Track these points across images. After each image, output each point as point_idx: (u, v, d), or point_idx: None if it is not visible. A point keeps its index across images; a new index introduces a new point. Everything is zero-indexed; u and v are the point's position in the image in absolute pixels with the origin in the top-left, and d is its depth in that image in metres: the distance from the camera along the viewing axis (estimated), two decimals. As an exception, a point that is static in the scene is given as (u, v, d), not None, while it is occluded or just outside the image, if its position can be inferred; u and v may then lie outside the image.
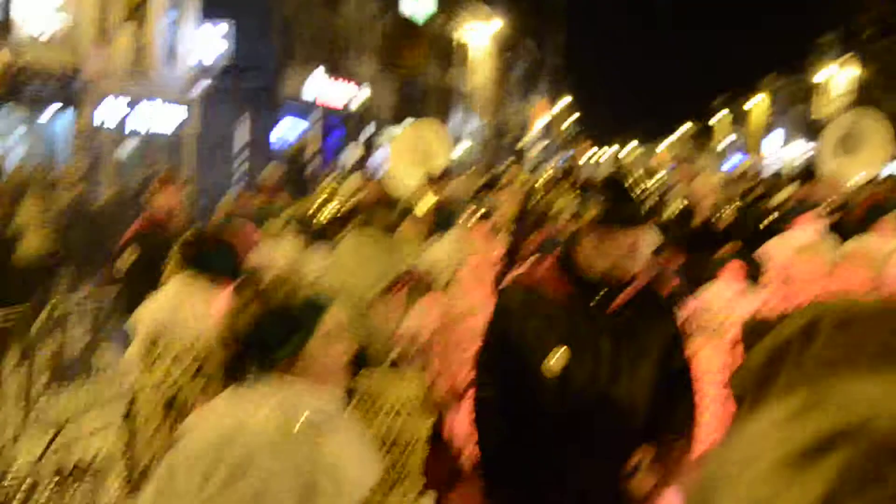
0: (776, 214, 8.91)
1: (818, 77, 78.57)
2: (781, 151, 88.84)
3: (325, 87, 40.11)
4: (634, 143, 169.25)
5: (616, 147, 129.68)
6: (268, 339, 2.80)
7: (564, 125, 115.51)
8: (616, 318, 3.90)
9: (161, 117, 31.76)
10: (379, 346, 3.52)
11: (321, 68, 39.81)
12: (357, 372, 3.47)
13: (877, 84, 65.08)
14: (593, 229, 3.87)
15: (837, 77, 75.54)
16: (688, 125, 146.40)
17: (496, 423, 4.01)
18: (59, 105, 26.05)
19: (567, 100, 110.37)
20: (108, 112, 28.42)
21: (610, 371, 3.86)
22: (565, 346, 3.85)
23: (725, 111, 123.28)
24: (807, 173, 11.54)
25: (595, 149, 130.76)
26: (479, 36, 69.67)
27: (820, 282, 7.17)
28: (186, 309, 4.74)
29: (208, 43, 34.05)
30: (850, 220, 8.07)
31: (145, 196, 9.60)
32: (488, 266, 7.50)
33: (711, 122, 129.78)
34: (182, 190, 9.30)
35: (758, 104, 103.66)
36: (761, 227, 8.58)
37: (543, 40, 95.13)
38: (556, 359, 3.86)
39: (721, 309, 7.31)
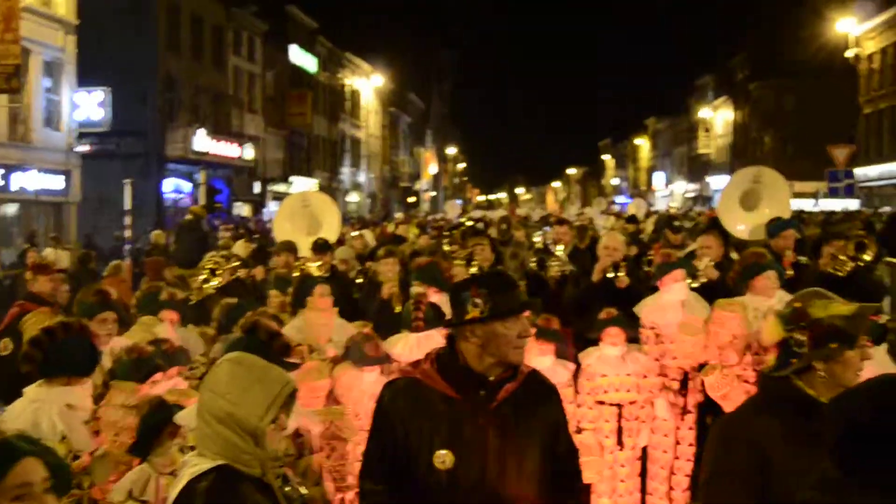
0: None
1: (697, 119, 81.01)
2: (665, 191, 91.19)
3: (209, 147, 39.70)
4: (521, 189, 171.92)
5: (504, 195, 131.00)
6: None
7: (454, 173, 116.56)
8: (501, 412, 3.85)
9: (42, 183, 31.12)
10: (272, 472, 3.36)
11: (203, 129, 39.43)
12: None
13: (752, 125, 67.39)
14: (478, 327, 3.83)
15: (716, 118, 78.02)
16: (573, 171, 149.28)
17: None
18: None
19: (453, 150, 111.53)
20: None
21: (498, 467, 3.81)
22: (448, 450, 3.79)
23: (608, 156, 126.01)
24: (711, 225, 11.76)
25: (481, 197, 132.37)
26: (364, 90, 70.17)
27: (697, 343, 7.38)
28: (44, 421, 4.61)
29: (86, 109, 33.47)
30: (727, 279, 8.24)
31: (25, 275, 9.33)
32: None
33: (599, 166, 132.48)
34: (57, 275, 9.04)
35: (641, 147, 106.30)
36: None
37: (429, 91, 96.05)
38: (442, 461, 3.78)
39: (605, 374, 7.41)
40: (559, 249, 11.47)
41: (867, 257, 8.20)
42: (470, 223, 16.10)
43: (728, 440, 3.64)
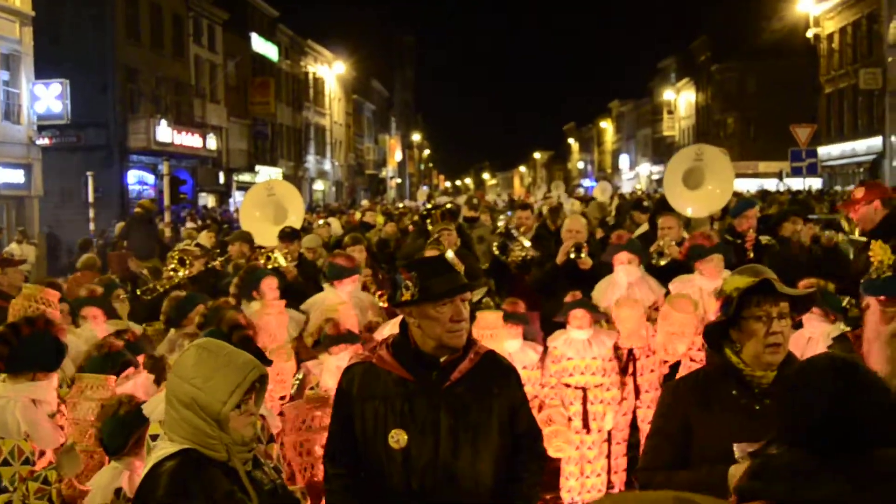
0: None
1: (661, 101, 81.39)
2: (630, 174, 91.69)
3: (172, 138, 39.38)
4: (487, 174, 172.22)
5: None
6: None
7: (419, 160, 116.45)
8: (454, 392, 3.96)
9: (2, 177, 30.85)
10: (238, 456, 3.39)
11: (165, 120, 39.09)
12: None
13: (715, 107, 67.81)
14: (413, 310, 3.97)
15: (679, 100, 78.39)
16: (539, 155, 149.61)
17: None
18: None
19: (418, 137, 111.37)
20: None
21: (451, 446, 3.91)
22: (402, 429, 3.90)
23: (573, 140, 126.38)
24: (661, 205, 11.72)
25: (448, 183, 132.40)
26: (327, 78, 69.89)
27: (642, 326, 7.58)
28: (10, 418, 4.60)
29: (45, 101, 33.08)
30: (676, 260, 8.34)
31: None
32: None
33: (565, 149, 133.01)
34: (21, 268, 8.98)
35: (605, 130, 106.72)
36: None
37: (392, 78, 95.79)
38: (395, 441, 3.90)
39: (570, 357, 7.45)
40: (521, 234, 11.53)
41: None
42: (449, 206, 16.23)
43: (666, 405, 3.97)
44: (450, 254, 8.52)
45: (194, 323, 6.83)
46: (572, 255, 8.58)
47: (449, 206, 16.26)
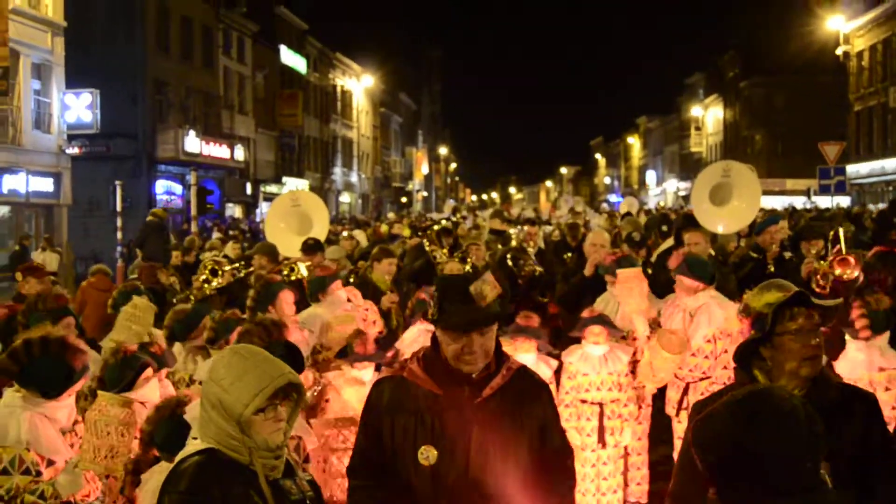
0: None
1: (689, 117, 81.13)
2: (657, 190, 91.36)
3: (200, 148, 39.59)
4: (513, 188, 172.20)
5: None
6: None
7: (446, 174, 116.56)
8: (486, 408, 3.87)
9: (32, 186, 31.09)
10: (260, 461, 3.37)
11: (193, 130, 39.29)
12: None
13: (742, 123, 67.53)
14: (438, 325, 3.94)
15: (707, 116, 78.12)
16: (565, 170, 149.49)
17: None
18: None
19: (445, 150, 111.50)
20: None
21: (481, 462, 3.83)
22: (431, 445, 3.83)
23: (599, 155, 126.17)
24: (686, 222, 11.63)
25: (474, 196, 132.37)
26: (355, 91, 70.13)
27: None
28: (13, 428, 4.60)
29: (75, 111, 33.37)
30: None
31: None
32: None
33: (591, 165, 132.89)
34: (47, 278, 9.03)
35: (632, 145, 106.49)
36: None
37: (420, 92, 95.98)
38: (425, 457, 3.83)
39: (586, 373, 7.40)
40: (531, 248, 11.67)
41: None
42: (445, 223, 16.30)
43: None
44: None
45: (203, 336, 6.81)
46: (601, 271, 8.60)
47: (444, 223, 16.31)
